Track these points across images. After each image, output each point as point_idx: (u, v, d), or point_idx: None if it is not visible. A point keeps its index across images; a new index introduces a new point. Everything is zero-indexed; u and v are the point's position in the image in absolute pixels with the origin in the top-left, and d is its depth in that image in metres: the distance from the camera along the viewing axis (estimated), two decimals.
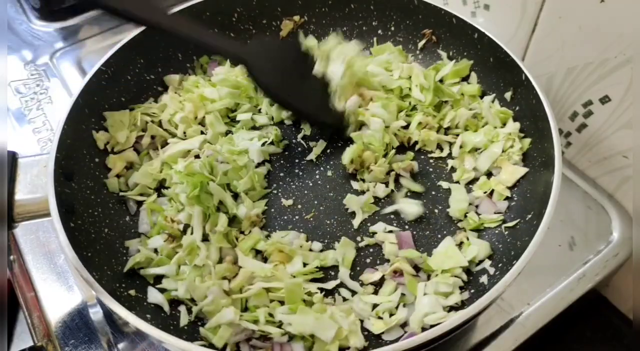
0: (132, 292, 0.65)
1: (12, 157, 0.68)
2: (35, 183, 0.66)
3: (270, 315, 0.63)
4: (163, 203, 0.74)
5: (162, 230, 0.69)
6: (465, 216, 0.73)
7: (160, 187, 0.76)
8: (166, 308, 0.64)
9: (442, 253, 0.68)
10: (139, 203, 0.75)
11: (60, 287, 0.75)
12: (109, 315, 0.73)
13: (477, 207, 0.74)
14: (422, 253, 0.69)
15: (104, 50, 0.82)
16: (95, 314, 0.73)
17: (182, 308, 0.65)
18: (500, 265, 0.67)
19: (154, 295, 0.65)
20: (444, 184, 0.76)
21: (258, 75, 0.73)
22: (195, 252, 0.66)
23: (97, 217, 0.70)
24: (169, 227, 0.69)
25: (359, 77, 0.83)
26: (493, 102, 0.82)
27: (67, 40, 1.10)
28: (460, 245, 0.71)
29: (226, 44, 0.74)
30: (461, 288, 0.66)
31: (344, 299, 0.67)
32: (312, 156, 0.80)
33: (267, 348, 0.60)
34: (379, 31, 0.92)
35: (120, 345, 0.70)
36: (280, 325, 0.62)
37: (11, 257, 0.79)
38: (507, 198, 0.74)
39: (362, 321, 0.64)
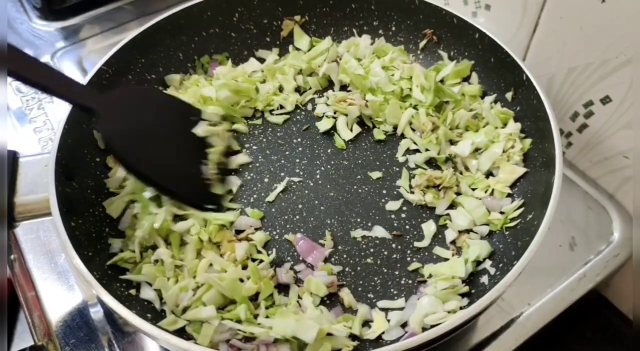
0: (132, 292, 0.65)
1: (13, 157, 0.68)
2: (36, 183, 0.66)
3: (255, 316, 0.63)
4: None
5: (132, 240, 0.69)
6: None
7: None
8: (157, 305, 0.64)
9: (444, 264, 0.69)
10: None
11: (60, 287, 0.75)
12: (109, 314, 0.73)
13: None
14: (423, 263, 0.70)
15: (105, 49, 0.82)
16: (96, 313, 0.73)
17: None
18: (500, 265, 0.67)
19: (146, 291, 0.65)
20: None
21: (110, 136, 0.60)
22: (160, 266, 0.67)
23: (97, 217, 0.70)
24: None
25: (352, 77, 0.83)
26: (495, 102, 0.82)
27: (68, 39, 1.10)
28: (459, 249, 0.71)
29: (75, 91, 0.61)
30: (461, 295, 0.66)
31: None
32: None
33: (252, 348, 0.60)
34: (380, 31, 0.92)
35: (121, 344, 0.70)
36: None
37: (12, 256, 0.79)
38: (508, 195, 0.74)
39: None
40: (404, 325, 0.64)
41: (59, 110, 0.96)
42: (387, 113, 0.81)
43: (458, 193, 0.75)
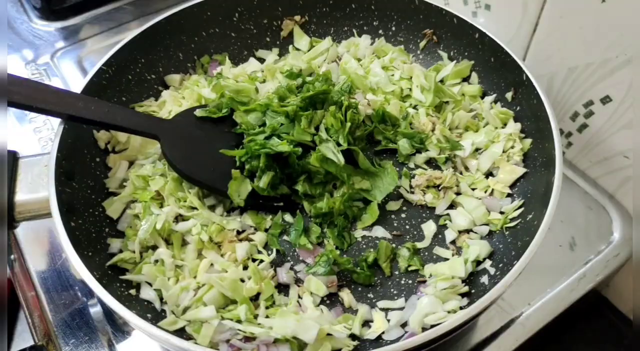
0: (132, 292, 0.65)
1: (13, 157, 0.68)
2: (36, 183, 0.66)
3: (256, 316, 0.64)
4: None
5: (132, 240, 0.69)
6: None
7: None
8: (157, 305, 0.65)
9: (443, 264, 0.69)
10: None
11: (60, 286, 0.75)
12: (109, 314, 0.73)
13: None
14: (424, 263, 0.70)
15: (105, 49, 0.82)
16: (96, 313, 0.73)
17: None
18: (500, 265, 0.67)
19: (146, 292, 0.65)
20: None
21: (169, 153, 0.70)
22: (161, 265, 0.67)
23: (97, 217, 0.70)
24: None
25: (353, 78, 0.83)
26: (495, 102, 0.82)
27: (68, 39, 1.10)
28: (459, 249, 0.71)
29: (139, 122, 0.71)
30: (461, 295, 0.66)
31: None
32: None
33: (252, 349, 0.60)
34: (380, 31, 0.92)
35: (121, 344, 0.70)
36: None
37: (12, 256, 0.79)
38: (508, 195, 0.74)
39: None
40: (404, 325, 0.64)
41: None
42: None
43: (458, 193, 0.75)
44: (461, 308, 0.63)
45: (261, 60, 0.92)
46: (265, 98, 0.79)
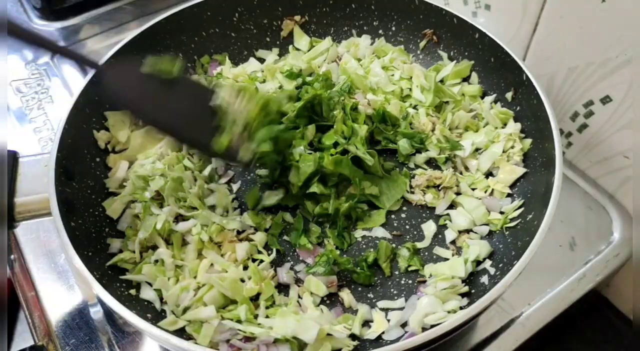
0: (132, 292, 0.65)
1: (13, 157, 0.68)
2: (36, 183, 0.66)
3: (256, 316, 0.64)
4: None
5: (132, 240, 0.69)
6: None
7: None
8: (157, 305, 0.65)
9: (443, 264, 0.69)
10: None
11: (60, 286, 0.75)
12: (109, 314, 0.73)
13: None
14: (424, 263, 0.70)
15: (105, 49, 0.82)
16: (96, 313, 0.73)
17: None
18: (500, 265, 0.67)
19: (146, 291, 0.65)
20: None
21: (112, 84, 0.64)
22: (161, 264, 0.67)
23: (97, 217, 0.70)
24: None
25: (353, 78, 0.83)
26: (495, 102, 0.82)
27: (68, 39, 1.10)
28: (459, 249, 0.71)
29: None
30: (461, 295, 0.66)
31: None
32: None
33: (252, 348, 0.60)
34: (380, 31, 0.92)
35: (121, 344, 0.70)
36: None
37: (12, 256, 0.79)
38: (508, 195, 0.74)
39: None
40: (404, 325, 0.64)
41: (59, 110, 0.96)
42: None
43: (458, 193, 0.75)
44: (461, 308, 0.63)
45: (261, 60, 0.92)
46: None
